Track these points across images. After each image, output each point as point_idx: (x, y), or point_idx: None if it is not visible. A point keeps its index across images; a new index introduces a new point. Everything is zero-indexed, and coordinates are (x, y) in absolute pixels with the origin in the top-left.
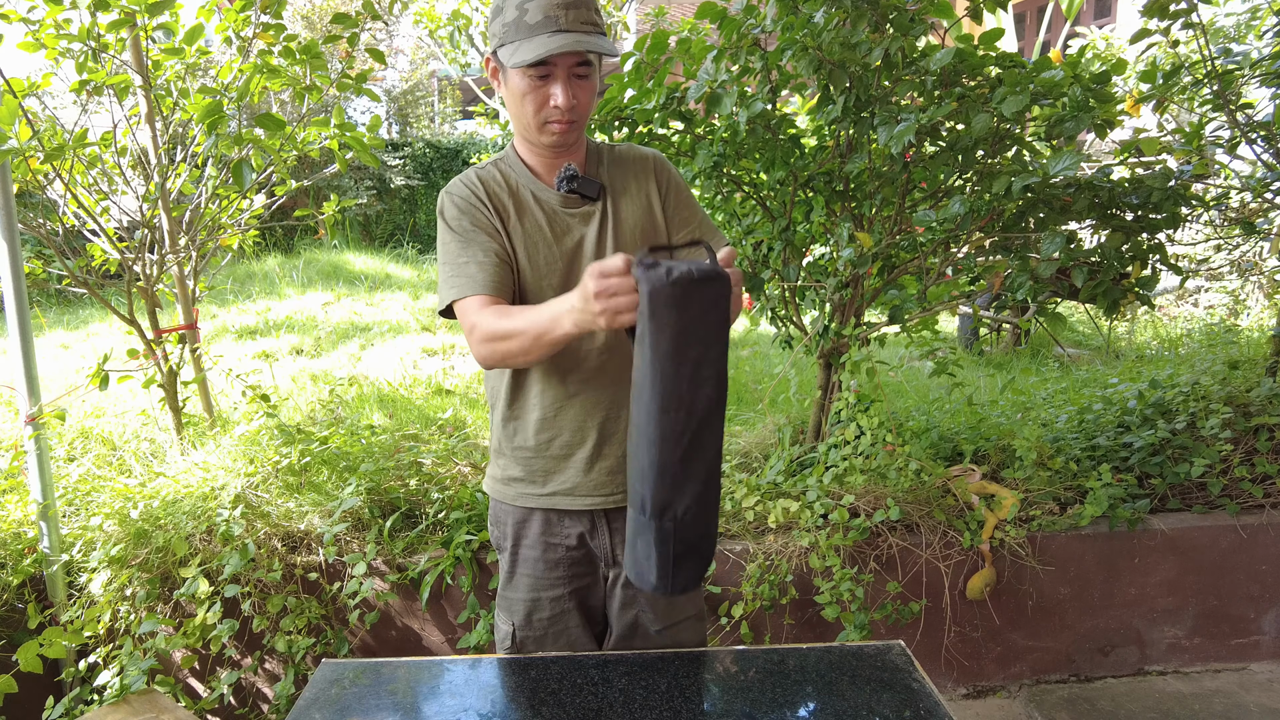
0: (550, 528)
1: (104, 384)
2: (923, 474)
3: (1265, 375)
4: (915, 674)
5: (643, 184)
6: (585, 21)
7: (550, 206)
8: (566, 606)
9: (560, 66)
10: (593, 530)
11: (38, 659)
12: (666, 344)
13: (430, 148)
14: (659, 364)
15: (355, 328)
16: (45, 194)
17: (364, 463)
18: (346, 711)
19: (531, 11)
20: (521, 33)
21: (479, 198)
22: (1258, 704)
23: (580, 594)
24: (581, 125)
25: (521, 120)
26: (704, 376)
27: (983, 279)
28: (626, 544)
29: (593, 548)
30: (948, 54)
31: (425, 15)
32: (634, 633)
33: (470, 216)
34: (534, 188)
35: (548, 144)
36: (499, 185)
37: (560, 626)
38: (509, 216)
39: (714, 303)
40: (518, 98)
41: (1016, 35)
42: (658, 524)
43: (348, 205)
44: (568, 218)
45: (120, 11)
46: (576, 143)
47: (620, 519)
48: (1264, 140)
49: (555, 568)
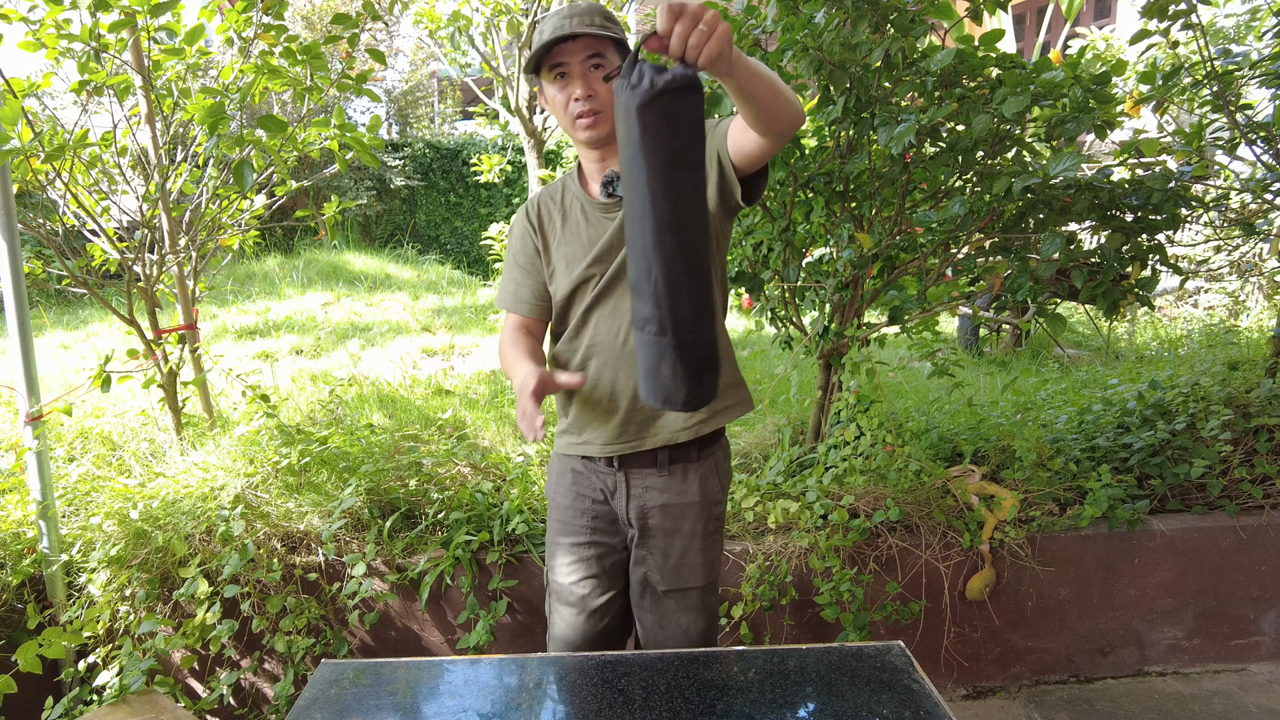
0: (579, 479)
1: (105, 385)
2: (922, 474)
3: (1265, 376)
4: (915, 675)
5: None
6: (591, 24)
7: (589, 210)
8: (586, 555)
9: (574, 64)
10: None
11: (37, 659)
12: (662, 158)
13: (430, 148)
14: (658, 179)
15: (355, 328)
16: (45, 194)
17: (364, 463)
18: (346, 712)
19: (546, 29)
20: (536, 45)
21: (530, 221)
22: (1257, 705)
23: (599, 546)
24: (610, 118)
25: (563, 125)
26: (694, 182)
27: (983, 280)
28: (645, 376)
29: (614, 505)
30: (948, 55)
31: (425, 15)
32: (644, 591)
33: (520, 241)
34: (580, 195)
35: (583, 140)
36: (551, 199)
37: (578, 575)
38: (553, 225)
39: (696, 108)
40: (552, 105)
41: (1016, 36)
42: (678, 340)
43: (348, 206)
44: (603, 218)
45: (121, 12)
46: (614, 138)
47: (641, 475)
48: (1264, 141)
49: (578, 516)
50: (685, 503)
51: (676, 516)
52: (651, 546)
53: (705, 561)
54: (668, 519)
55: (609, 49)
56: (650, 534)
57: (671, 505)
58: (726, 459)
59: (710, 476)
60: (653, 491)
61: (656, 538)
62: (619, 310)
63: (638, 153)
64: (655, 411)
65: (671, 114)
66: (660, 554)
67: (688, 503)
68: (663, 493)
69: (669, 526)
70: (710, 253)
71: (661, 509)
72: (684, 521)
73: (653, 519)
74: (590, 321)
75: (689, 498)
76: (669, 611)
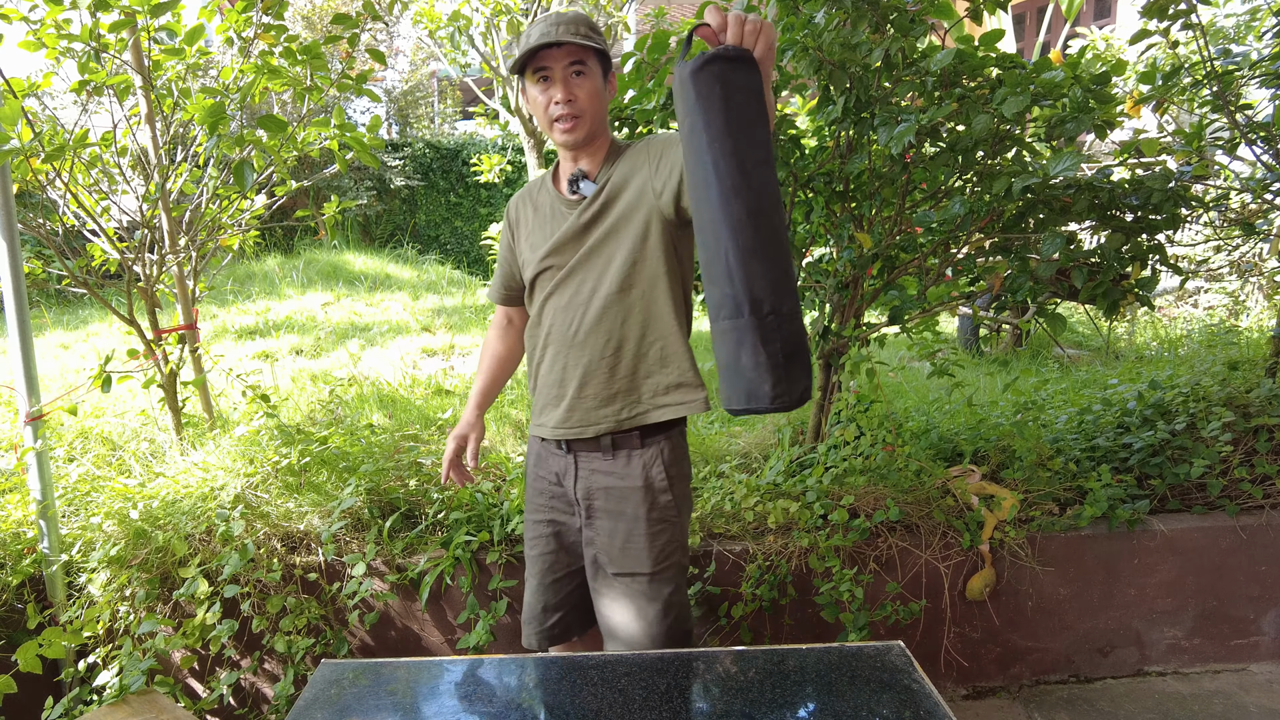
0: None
1: (106, 386)
2: (922, 474)
3: (1265, 376)
4: (915, 674)
5: (640, 167)
6: (575, 33)
7: (556, 204)
8: (544, 532)
9: (557, 69)
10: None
11: (37, 659)
12: (722, 121)
13: (430, 148)
14: (720, 143)
15: (355, 328)
16: (45, 194)
17: (364, 463)
18: (346, 711)
19: (533, 35)
20: (523, 49)
21: (509, 218)
22: (1257, 705)
23: (557, 524)
24: (588, 122)
25: (542, 125)
26: (761, 155)
27: (983, 280)
28: (724, 372)
29: (565, 486)
30: (948, 55)
31: (425, 15)
32: (596, 572)
33: (503, 237)
34: (550, 190)
35: (560, 142)
36: (529, 194)
37: (539, 549)
38: (526, 220)
39: (753, 83)
40: (533, 105)
41: (1016, 36)
42: (758, 320)
43: (348, 206)
44: (566, 213)
45: (121, 12)
46: (591, 141)
47: (588, 458)
48: (1264, 141)
49: (539, 495)
50: (628, 486)
51: (620, 499)
52: (598, 528)
53: (651, 549)
54: (611, 501)
55: (591, 58)
56: (595, 514)
57: (615, 488)
58: (677, 454)
59: (654, 465)
60: (598, 474)
61: (601, 519)
62: (574, 303)
63: (697, 123)
64: (598, 401)
65: (725, 80)
66: (606, 535)
67: (630, 486)
68: (607, 475)
69: (613, 509)
70: (783, 230)
71: (605, 491)
72: (627, 505)
73: (597, 500)
74: (548, 311)
75: (631, 482)
76: (620, 595)
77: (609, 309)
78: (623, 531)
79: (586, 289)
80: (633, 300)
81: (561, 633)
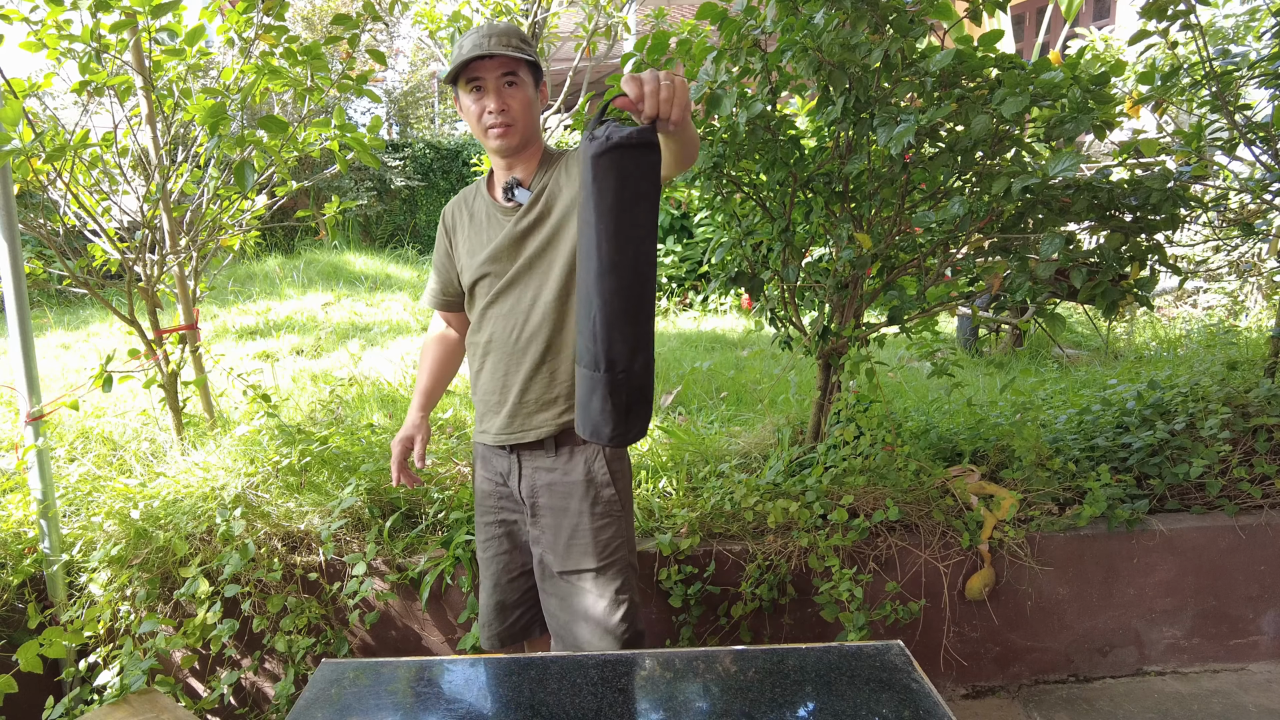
0: (486, 464)
1: (107, 385)
2: (922, 474)
3: (1264, 376)
4: (914, 674)
5: (574, 177)
6: (508, 45)
7: (491, 211)
8: (496, 533)
9: (489, 79)
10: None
11: (38, 659)
12: (610, 202)
13: (430, 148)
14: (604, 223)
15: (355, 328)
16: (46, 194)
17: (364, 463)
18: (346, 711)
19: (466, 46)
20: (455, 60)
21: (445, 224)
22: (1256, 704)
23: (507, 525)
24: (520, 131)
25: (475, 133)
26: (641, 232)
27: (982, 280)
28: (579, 406)
29: (511, 486)
30: (947, 55)
31: (425, 16)
32: (543, 572)
33: (439, 243)
34: (486, 198)
35: (494, 149)
36: (465, 201)
37: (491, 551)
38: (463, 226)
39: (650, 167)
40: (465, 114)
41: (1015, 37)
42: (610, 377)
43: (349, 206)
44: (502, 220)
45: (122, 12)
46: (524, 149)
47: (531, 457)
48: (1263, 141)
49: (488, 498)
50: (571, 481)
51: (564, 495)
52: (543, 525)
53: (596, 544)
54: (555, 497)
55: (523, 69)
56: (540, 512)
57: (558, 484)
58: (619, 450)
59: (596, 460)
60: (541, 471)
61: (546, 516)
62: (515, 311)
63: (589, 197)
64: (540, 405)
65: (622, 166)
66: (551, 533)
67: (573, 481)
68: (550, 472)
69: (557, 505)
70: (654, 297)
71: (549, 488)
72: (571, 500)
73: (541, 497)
74: (489, 318)
75: (574, 477)
76: (567, 595)
77: (549, 316)
78: (568, 527)
79: (528, 297)
80: (572, 306)
81: (523, 630)
